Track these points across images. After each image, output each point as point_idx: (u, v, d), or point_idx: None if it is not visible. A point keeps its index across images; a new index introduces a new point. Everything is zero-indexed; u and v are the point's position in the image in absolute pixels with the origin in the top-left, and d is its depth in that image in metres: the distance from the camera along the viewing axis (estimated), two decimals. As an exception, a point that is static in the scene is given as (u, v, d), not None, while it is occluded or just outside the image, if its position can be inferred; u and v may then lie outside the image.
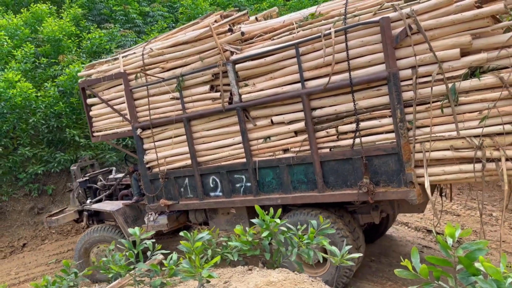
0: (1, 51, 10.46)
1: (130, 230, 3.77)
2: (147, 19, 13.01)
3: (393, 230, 7.25)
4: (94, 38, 10.74)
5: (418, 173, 4.24)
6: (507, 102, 3.76)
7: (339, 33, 4.33)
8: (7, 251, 9.35)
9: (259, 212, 3.90)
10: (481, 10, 3.75)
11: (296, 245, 3.73)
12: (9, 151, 9.76)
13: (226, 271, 3.98)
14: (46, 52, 10.78)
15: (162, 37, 5.95)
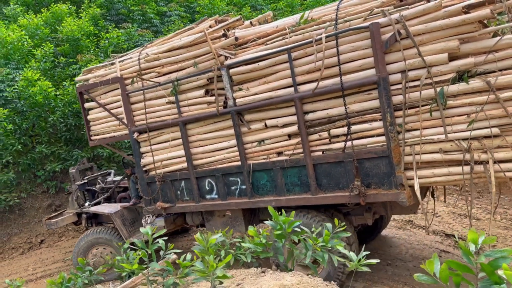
0: (22, 51, 10.59)
1: (142, 230, 3.74)
2: (164, 19, 13.13)
3: (410, 234, 7.18)
4: (112, 37, 10.84)
5: (409, 175, 4.32)
6: (494, 106, 3.83)
7: (330, 38, 4.41)
8: (25, 247, 9.53)
9: (273, 213, 3.85)
10: (469, 16, 3.82)
11: (311, 247, 3.69)
12: (28, 149, 9.92)
13: (239, 273, 4.00)
14: (65, 51, 10.93)
15: (158, 42, 6.03)
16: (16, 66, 10.43)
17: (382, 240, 6.92)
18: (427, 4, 4.02)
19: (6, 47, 10.47)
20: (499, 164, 3.86)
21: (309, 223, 4.91)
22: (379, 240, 6.82)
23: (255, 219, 5.95)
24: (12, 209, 9.88)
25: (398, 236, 7.13)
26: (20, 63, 10.51)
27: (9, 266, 8.92)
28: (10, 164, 9.70)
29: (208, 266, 3.20)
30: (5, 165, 9.56)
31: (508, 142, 3.82)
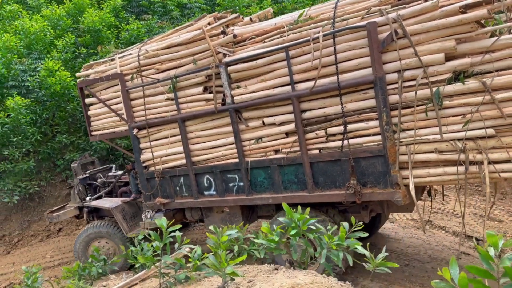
0: (44, 41, 10.67)
1: (157, 222, 3.73)
2: (184, 11, 13.09)
3: (429, 234, 7.01)
4: (132, 29, 10.87)
5: (404, 174, 4.33)
6: (489, 107, 3.83)
7: (328, 37, 4.40)
8: (43, 234, 9.73)
9: (287, 210, 3.79)
10: (465, 16, 3.81)
11: (326, 246, 3.62)
12: (48, 138, 10.04)
13: (251, 269, 3.95)
14: (86, 42, 10.97)
15: (157, 39, 6.04)
16: (38, 56, 10.51)
17: (399, 239, 6.82)
18: (424, 4, 4.01)
19: (29, 37, 10.56)
20: (493, 164, 3.86)
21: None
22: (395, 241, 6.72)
23: (253, 215, 6.00)
24: (32, 197, 10.10)
25: (417, 236, 6.99)
26: (42, 53, 10.59)
27: (28, 253, 9.14)
28: (30, 153, 9.86)
29: (221, 262, 3.18)
30: (25, 154, 9.70)
31: (503, 143, 3.82)
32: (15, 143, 9.31)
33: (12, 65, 9.64)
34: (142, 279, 4.13)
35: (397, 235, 7.12)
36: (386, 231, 7.31)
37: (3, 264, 8.87)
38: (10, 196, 9.28)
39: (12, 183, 9.43)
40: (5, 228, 9.91)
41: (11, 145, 9.35)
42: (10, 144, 9.36)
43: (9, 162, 9.50)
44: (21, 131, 9.28)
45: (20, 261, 8.80)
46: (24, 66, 9.81)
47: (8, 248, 9.53)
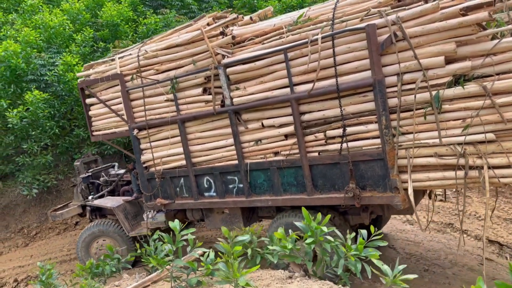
0: (63, 35, 10.74)
1: (171, 224, 3.61)
2: (202, 5, 13.07)
3: (450, 238, 6.79)
4: (150, 23, 10.87)
5: (403, 178, 4.29)
6: (489, 111, 3.77)
7: (327, 39, 4.35)
8: (61, 227, 9.90)
9: (305, 216, 3.66)
10: (466, 18, 3.74)
11: (343, 255, 3.48)
12: (66, 132, 10.16)
13: (264, 275, 3.89)
14: (104, 36, 11.01)
15: (157, 39, 6.01)
16: (57, 50, 10.58)
17: (418, 242, 6.66)
18: (424, 6, 3.94)
19: (48, 31, 10.63)
20: (493, 170, 3.81)
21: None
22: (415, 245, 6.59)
23: (253, 216, 6.00)
24: (50, 190, 10.27)
25: (437, 239, 6.79)
26: (61, 47, 10.67)
27: (46, 246, 9.29)
28: (48, 147, 10.00)
29: (232, 271, 3.12)
30: (44, 147, 9.84)
31: (504, 148, 3.76)
32: (33, 137, 9.45)
33: (31, 59, 9.72)
34: (154, 281, 4.10)
35: (416, 238, 6.95)
36: (405, 234, 7.11)
37: (22, 256, 9.05)
38: (28, 189, 9.44)
39: (31, 176, 9.62)
40: (24, 221, 10.13)
41: (30, 139, 9.51)
42: (29, 137, 9.53)
43: (28, 156, 9.68)
44: (39, 125, 9.41)
45: (37, 254, 8.96)
46: (43, 61, 9.90)
47: (26, 240, 9.73)
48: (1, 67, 9.43)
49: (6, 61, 9.37)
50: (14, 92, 9.71)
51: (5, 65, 9.40)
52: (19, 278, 8.02)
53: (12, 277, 8.07)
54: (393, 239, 6.73)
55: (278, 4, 12.13)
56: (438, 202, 8.09)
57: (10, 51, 9.34)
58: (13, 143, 9.62)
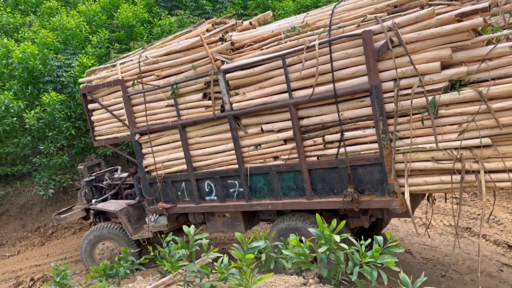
0: (80, 37, 10.90)
1: (185, 228, 3.63)
2: (216, 6, 13.13)
3: (468, 243, 6.64)
4: (164, 24, 10.96)
5: (401, 182, 4.32)
6: (485, 116, 3.80)
7: (324, 45, 4.39)
8: (76, 227, 10.04)
9: (319, 223, 3.63)
10: (461, 24, 3.77)
11: (358, 262, 3.42)
12: (82, 133, 10.32)
13: (278, 281, 3.86)
14: (120, 38, 11.14)
15: (158, 45, 6.08)
16: (73, 52, 10.72)
17: (435, 247, 6.56)
18: (420, 12, 3.97)
19: (65, 33, 10.80)
20: (489, 174, 3.84)
21: (304, 226, 4.98)
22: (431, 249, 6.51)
23: (255, 219, 6.05)
24: (65, 190, 10.42)
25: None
26: (77, 48, 10.82)
27: (61, 245, 9.42)
28: (64, 148, 10.17)
29: (245, 279, 3.10)
30: (60, 148, 10.00)
31: (499, 152, 3.79)
32: (50, 138, 9.61)
33: (48, 60, 9.88)
34: (168, 284, 4.06)
35: (433, 242, 6.82)
36: (422, 238, 6.99)
37: (38, 255, 9.18)
38: (45, 189, 9.64)
39: (47, 176, 9.80)
40: (40, 220, 10.28)
41: (47, 140, 9.67)
42: (45, 138, 9.69)
43: (45, 156, 9.85)
44: (56, 126, 9.57)
45: (53, 253, 9.09)
46: (59, 62, 10.06)
47: (43, 239, 9.86)
48: (19, 68, 9.63)
49: (23, 62, 9.56)
50: (31, 93, 9.93)
51: (22, 66, 9.60)
52: (35, 277, 8.15)
53: (29, 276, 8.21)
54: (409, 243, 6.67)
55: (293, 4, 12.14)
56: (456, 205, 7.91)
57: (28, 52, 9.53)
58: (30, 143, 9.82)
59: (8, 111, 9.27)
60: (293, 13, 11.24)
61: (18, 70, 9.68)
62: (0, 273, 8.60)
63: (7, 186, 10.39)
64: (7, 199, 10.22)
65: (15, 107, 9.30)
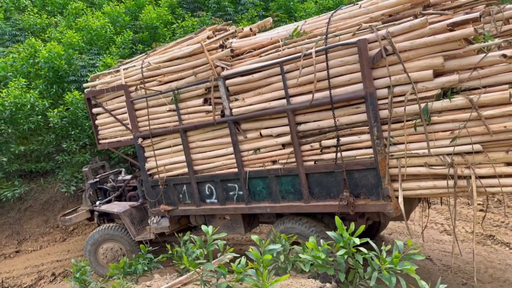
0: (105, 37, 11.16)
1: (203, 228, 3.63)
2: (238, 7, 13.34)
3: (491, 250, 6.51)
4: (186, 26, 11.15)
5: (396, 187, 4.43)
6: (476, 123, 3.90)
7: (320, 53, 4.51)
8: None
9: (339, 226, 3.57)
10: (453, 34, 3.87)
11: (377, 267, 3.33)
12: None
13: (295, 284, 3.85)
14: (143, 38, 11.36)
15: (160, 51, 6.22)
16: (98, 52, 10.99)
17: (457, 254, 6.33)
18: (413, 21, 4.08)
19: (91, 34, 11.07)
20: (480, 180, 3.94)
21: (302, 229, 5.11)
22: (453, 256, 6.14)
23: (254, 222, 6.18)
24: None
25: (477, 251, 6.49)
26: (101, 49, 11.08)
27: (82, 241, 9.56)
28: (86, 146, 10.46)
29: (262, 281, 3.09)
30: (82, 146, 10.33)
31: (490, 158, 3.90)
32: (73, 136, 9.93)
33: (73, 60, 10.17)
34: (184, 283, 4.11)
35: (454, 249, 6.41)
36: (442, 244, 6.95)
37: (59, 250, 9.41)
38: (67, 186, 9.93)
39: (69, 174, 10.10)
40: None
41: (69, 138, 9.99)
42: (68, 136, 10.01)
43: (67, 154, 10.14)
44: (78, 125, 9.89)
45: (74, 249, 9.31)
46: (83, 62, 10.31)
47: (64, 235, 10.07)
48: (45, 68, 9.93)
49: (49, 62, 9.86)
50: (56, 92, 10.26)
51: (48, 66, 9.88)
52: (56, 272, 8.37)
53: (50, 271, 8.44)
54: (430, 250, 6.63)
55: (315, 6, 12.21)
56: (478, 212, 7.72)
57: (54, 52, 9.80)
58: (54, 141, 10.12)
59: (34, 110, 9.63)
60: (314, 14, 11.37)
61: (44, 70, 10.01)
62: (23, 267, 8.84)
63: (31, 183, 10.64)
64: (31, 195, 10.46)
65: (40, 106, 9.65)
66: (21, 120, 9.69)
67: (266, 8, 13.35)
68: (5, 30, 12.45)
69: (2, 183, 9.80)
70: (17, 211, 10.27)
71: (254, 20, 12.28)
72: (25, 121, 9.69)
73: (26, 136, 10.19)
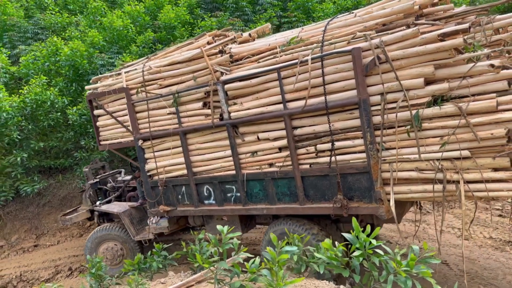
0: (126, 37, 11.37)
1: (218, 227, 3.65)
2: (255, 8, 13.44)
3: (509, 257, 6.40)
4: (204, 26, 11.28)
5: (388, 190, 4.58)
6: (465, 130, 4.05)
7: (316, 60, 4.67)
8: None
9: (356, 227, 3.54)
10: (443, 44, 4.03)
11: (392, 271, 3.29)
12: None
13: (309, 285, 3.84)
14: (161, 38, 11.51)
15: (161, 55, 6.37)
16: (118, 51, 11.19)
17: (474, 259, 6.39)
18: (406, 31, 4.23)
19: (113, 33, 11.28)
20: (468, 184, 4.10)
21: (297, 231, 5.26)
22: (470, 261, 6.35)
23: (251, 223, 6.33)
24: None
25: (495, 257, 6.41)
26: (121, 48, 11.28)
27: None
28: None
29: (276, 280, 3.08)
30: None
31: (478, 164, 4.05)
32: (91, 133, 10.10)
33: (93, 59, 10.38)
34: (198, 281, 4.14)
35: (472, 254, 6.63)
36: (460, 249, 6.76)
37: (76, 246, 9.60)
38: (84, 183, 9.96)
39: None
40: None
41: (87, 135, 10.20)
42: (86, 134, 10.22)
43: (85, 151, 10.38)
44: None
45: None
46: (102, 61, 10.50)
47: (81, 231, 10.26)
48: (66, 66, 10.16)
49: (70, 60, 10.09)
50: (76, 90, 10.48)
51: (69, 64, 10.10)
52: (73, 267, 8.58)
53: (67, 266, 8.65)
54: (446, 254, 6.57)
55: (333, 6, 12.26)
56: (497, 217, 7.77)
57: (76, 50, 10.01)
58: (73, 138, 10.35)
59: (53, 107, 9.88)
60: (333, 15, 11.37)
61: (65, 68, 10.24)
62: (41, 261, 9.03)
63: (50, 178, 10.86)
64: (49, 191, 10.66)
65: (60, 103, 9.90)
66: (41, 117, 9.99)
67: (284, 8, 13.35)
68: (27, 29, 12.73)
69: (22, 179, 10.07)
70: (36, 206, 10.50)
71: (272, 21, 12.37)
72: (45, 118, 10.00)
73: (46, 133, 10.47)
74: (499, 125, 3.92)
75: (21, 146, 10.07)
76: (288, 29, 10.91)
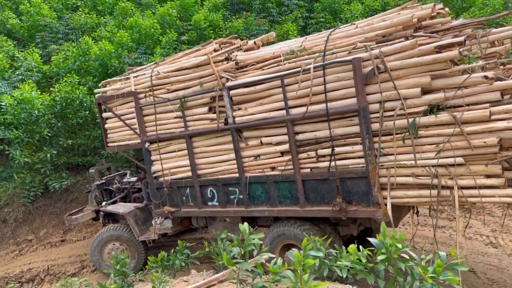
0: (153, 37, 11.67)
1: (240, 227, 3.67)
2: (281, 9, 13.51)
3: None
4: (231, 27, 11.47)
5: (385, 195, 4.77)
6: (459, 138, 4.24)
7: (318, 68, 4.87)
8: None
9: (383, 230, 3.45)
10: (439, 55, 4.23)
11: (418, 277, 3.21)
12: None
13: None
14: (190, 39, 11.78)
15: (169, 61, 6.60)
16: (144, 51, 11.44)
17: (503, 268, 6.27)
18: (404, 42, 4.44)
19: (140, 33, 11.56)
20: (462, 190, 4.28)
21: (297, 232, 5.44)
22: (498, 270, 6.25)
23: (253, 224, 6.50)
24: None
25: None
26: (148, 48, 11.52)
27: None
28: None
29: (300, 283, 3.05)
30: None
31: (471, 171, 4.23)
32: None
33: (121, 58, 10.66)
34: (220, 281, 4.20)
35: (501, 263, 6.47)
36: (488, 257, 6.66)
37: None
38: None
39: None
40: None
41: None
42: None
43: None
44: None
45: None
46: (130, 60, 10.77)
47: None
48: (95, 65, 10.45)
49: (99, 59, 10.38)
50: None
51: (98, 63, 10.39)
52: (90, 264, 8.73)
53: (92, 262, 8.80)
54: (474, 262, 6.44)
55: (362, 7, 12.27)
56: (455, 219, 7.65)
57: (105, 50, 10.29)
58: (100, 136, 10.45)
59: (82, 105, 10.15)
60: (360, 16, 11.40)
61: (94, 67, 10.53)
62: (68, 255, 9.26)
63: (78, 175, 11.07)
64: (76, 187, 10.88)
65: (88, 102, 10.14)
66: (70, 115, 10.29)
67: (310, 9, 13.37)
68: (59, 29, 13.03)
69: (51, 175, 10.31)
70: (64, 202, 10.73)
71: (298, 22, 12.41)
72: (74, 116, 10.29)
73: (74, 131, 10.76)
74: (492, 134, 4.10)
75: (50, 143, 10.35)
76: (315, 31, 10.98)
